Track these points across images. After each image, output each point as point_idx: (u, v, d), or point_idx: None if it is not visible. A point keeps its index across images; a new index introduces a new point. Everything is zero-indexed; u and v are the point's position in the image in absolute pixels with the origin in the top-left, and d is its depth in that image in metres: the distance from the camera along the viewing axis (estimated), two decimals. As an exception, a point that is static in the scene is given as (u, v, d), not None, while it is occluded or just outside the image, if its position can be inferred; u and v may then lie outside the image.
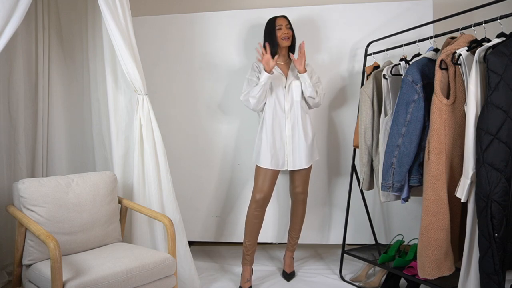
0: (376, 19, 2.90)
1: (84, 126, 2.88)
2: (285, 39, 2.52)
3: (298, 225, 2.74)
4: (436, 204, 1.89)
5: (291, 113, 2.54)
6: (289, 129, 2.53)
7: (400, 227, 2.92)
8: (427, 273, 1.93)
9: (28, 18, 2.60)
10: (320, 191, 3.03)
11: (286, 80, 2.56)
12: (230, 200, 3.14)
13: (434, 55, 2.09)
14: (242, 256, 2.62)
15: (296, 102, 2.54)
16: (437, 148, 1.88)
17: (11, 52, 2.54)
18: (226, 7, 3.17)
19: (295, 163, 2.54)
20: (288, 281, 2.70)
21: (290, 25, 2.58)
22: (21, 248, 2.02)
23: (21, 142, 2.62)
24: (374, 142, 2.43)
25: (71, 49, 2.87)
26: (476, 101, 1.73)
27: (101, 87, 2.63)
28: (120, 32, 2.23)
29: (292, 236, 2.77)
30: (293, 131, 2.53)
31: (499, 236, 1.65)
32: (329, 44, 2.97)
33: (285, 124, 2.54)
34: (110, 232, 2.25)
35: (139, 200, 2.42)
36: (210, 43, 3.07)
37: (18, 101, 2.60)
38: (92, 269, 1.84)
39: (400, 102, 2.04)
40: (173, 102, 3.14)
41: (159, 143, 2.43)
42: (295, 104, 2.54)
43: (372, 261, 2.52)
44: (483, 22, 1.88)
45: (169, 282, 2.07)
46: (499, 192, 1.65)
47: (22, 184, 2.02)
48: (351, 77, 2.96)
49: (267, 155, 2.52)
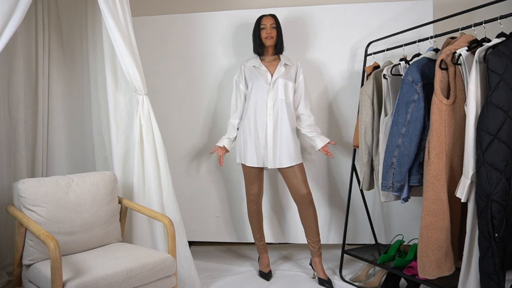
0: (376, 19, 2.90)
1: (84, 126, 2.88)
2: (268, 39, 2.58)
3: (312, 227, 2.60)
4: (436, 204, 1.88)
5: (273, 111, 2.55)
6: (270, 126, 2.55)
7: (400, 227, 2.92)
8: (427, 273, 1.93)
9: (28, 18, 2.60)
10: (320, 191, 3.03)
11: (272, 77, 2.57)
12: (230, 200, 3.14)
13: (434, 55, 2.09)
14: (257, 248, 2.84)
15: (280, 100, 2.56)
16: (437, 148, 1.88)
17: (11, 52, 2.54)
18: (226, 7, 3.17)
19: (276, 161, 2.56)
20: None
21: (276, 24, 2.61)
22: (21, 248, 2.02)
23: (21, 142, 2.62)
24: (374, 142, 2.43)
25: (71, 49, 2.87)
26: (476, 101, 1.73)
27: (101, 87, 2.63)
28: (120, 32, 2.23)
29: (312, 240, 2.63)
30: (274, 129, 2.55)
31: (499, 236, 1.65)
32: (329, 44, 2.97)
33: (266, 121, 2.55)
34: (110, 232, 2.25)
35: (139, 200, 2.42)
36: (210, 43, 3.07)
37: (18, 101, 2.60)
38: (92, 269, 1.84)
39: (400, 102, 2.04)
40: (173, 102, 3.14)
41: (159, 143, 2.43)
42: (278, 101, 2.56)
43: (372, 261, 2.52)
44: (483, 22, 1.88)
45: (169, 282, 2.07)
46: (499, 192, 1.65)
47: (22, 184, 2.02)
48: (351, 77, 2.96)
49: (250, 152, 2.57)
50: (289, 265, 2.94)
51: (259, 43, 2.61)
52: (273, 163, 2.57)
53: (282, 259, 3.06)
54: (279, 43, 2.62)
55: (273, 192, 3.08)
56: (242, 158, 2.64)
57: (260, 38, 2.60)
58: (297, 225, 2.94)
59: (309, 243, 2.66)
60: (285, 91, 2.57)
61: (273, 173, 3.02)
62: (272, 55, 2.65)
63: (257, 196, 2.71)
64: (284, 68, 2.60)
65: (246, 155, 2.60)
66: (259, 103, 2.57)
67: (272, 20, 2.60)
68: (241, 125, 2.64)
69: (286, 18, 2.90)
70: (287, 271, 2.83)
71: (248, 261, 3.03)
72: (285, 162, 2.55)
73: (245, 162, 2.62)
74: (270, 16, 2.62)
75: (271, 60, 2.65)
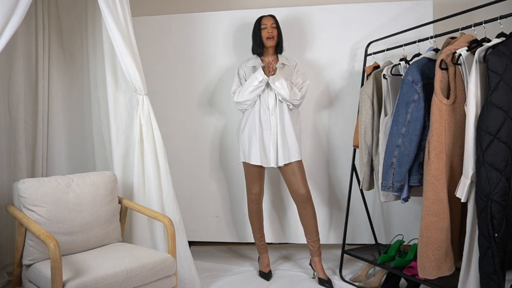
0: (376, 19, 2.90)
1: (84, 126, 2.88)
2: (269, 39, 2.57)
3: (311, 226, 2.61)
4: (436, 204, 1.88)
5: (275, 111, 2.56)
6: (274, 125, 2.56)
7: (400, 227, 2.92)
8: (427, 273, 1.93)
9: (28, 18, 2.60)
10: (320, 191, 3.03)
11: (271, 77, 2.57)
12: (230, 200, 3.14)
13: (434, 55, 2.09)
14: (257, 247, 2.83)
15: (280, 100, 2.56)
16: (437, 148, 1.88)
17: (11, 52, 2.54)
18: (226, 7, 3.17)
19: (279, 159, 2.56)
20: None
21: (277, 24, 2.60)
22: (21, 248, 2.02)
23: (21, 142, 2.62)
24: (374, 142, 2.43)
25: (71, 49, 2.87)
26: (476, 101, 1.73)
27: (101, 87, 2.63)
28: (120, 32, 2.23)
29: (311, 239, 2.63)
30: (279, 128, 2.55)
31: (499, 236, 1.65)
32: (329, 44, 2.97)
33: (270, 121, 2.56)
34: (110, 232, 2.25)
35: (139, 200, 2.42)
36: (210, 43, 3.07)
37: (18, 101, 2.60)
38: (92, 269, 1.84)
39: (400, 102, 2.04)
40: (173, 102, 3.14)
41: (159, 143, 2.43)
42: (279, 101, 2.56)
43: (372, 261, 2.52)
44: (483, 22, 1.88)
45: (169, 282, 2.07)
46: (499, 192, 1.65)
47: (22, 184, 2.02)
48: (351, 77, 2.96)
49: (254, 151, 2.57)
50: (289, 265, 2.94)
51: (259, 43, 2.61)
52: (276, 161, 2.57)
53: (282, 259, 3.06)
54: (280, 43, 2.62)
55: (273, 192, 3.09)
56: (246, 157, 2.63)
57: (260, 38, 2.60)
58: (297, 225, 2.94)
59: (308, 242, 2.66)
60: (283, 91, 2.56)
61: (274, 173, 3.02)
62: (271, 56, 2.65)
63: (258, 196, 2.72)
64: (282, 67, 2.60)
65: (250, 154, 2.60)
66: (262, 103, 2.58)
67: (272, 20, 2.60)
68: (245, 125, 2.63)
69: (286, 18, 2.90)
70: (287, 271, 2.83)
71: (248, 261, 3.03)
72: (287, 158, 2.55)
73: (249, 160, 2.61)
74: (270, 16, 2.62)
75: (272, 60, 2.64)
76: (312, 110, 2.98)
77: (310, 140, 3.02)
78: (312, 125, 3.03)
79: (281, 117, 2.56)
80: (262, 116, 2.57)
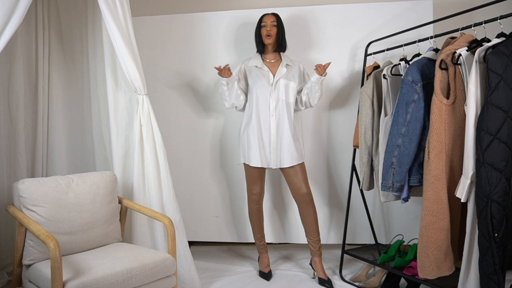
0: (376, 19, 2.90)
1: (84, 126, 2.88)
2: (267, 37, 2.58)
3: (312, 226, 2.61)
4: (436, 204, 1.89)
5: (275, 112, 2.55)
6: (273, 127, 2.56)
7: (400, 227, 2.92)
8: (427, 273, 1.93)
9: (28, 18, 2.60)
10: (320, 191, 3.03)
11: (274, 78, 2.57)
12: (230, 200, 3.14)
13: (434, 55, 2.09)
14: (257, 248, 2.83)
15: (282, 101, 2.56)
16: (437, 148, 1.88)
17: (11, 52, 2.54)
18: (226, 7, 3.17)
19: (278, 161, 2.57)
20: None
21: (278, 23, 2.60)
22: (21, 248, 2.02)
23: (21, 142, 2.62)
24: (374, 142, 2.43)
25: (71, 49, 2.87)
26: (476, 101, 1.73)
27: (101, 87, 2.63)
28: (120, 32, 2.23)
29: (312, 239, 2.63)
30: (277, 129, 2.55)
31: (499, 236, 1.65)
32: (329, 44, 2.97)
33: (270, 122, 2.55)
34: (110, 232, 2.25)
35: (139, 200, 2.42)
36: (210, 43, 3.07)
37: (18, 101, 2.60)
38: (92, 269, 1.84)
39: (400, 102, 2.04)
40: (173, 102, 3.13)
41: (159, 143, 2.43)
42: (280, 102, 2.56)
43: (372, 261, 2.52)
44: (483, 22, 1.88)
45: (169, 282, 2.07)
46: (499, 192, 1.65)
47: (22, 184, 2.02)
48: (351, 77, 2.96)
49: (254, 153, 2.57)
50: (289, 265, 2.94)
51: (258, 40, 2.63)
52: (276, 163, 2.57)
53: (282, 259, 3.06)
54: (278, 41, 2.61)
55: (274, 192, 3.08)
56: (246, 158, 2.64)
57: (260, 35, 2.61)
58: (297, 225, 2.94)
59: (309, 242, 2.66)
60: (286, 92, 2.57)
61: (275, 173, 3.02)
62: (272, 53, 2.65)
63: (259, 196, 2.72)
64: (285, 68, 2.60)
65: (250, 156, 2.60)
66: (262, 104, 2.57)
67: (273, 18, 2.60)
68: (245, 126, 2.63)
69: (285, 18, 2.88)
70: (287, 271, 2.83)
71: (248, 261, 3.03)
72: (287, 161, 2.55)
73: (249, 162, 2.61)
74: (272, 14, 2.63)
75: (273, 61, 2.64)
76: (312, 110, 2.98)
77: (310, 140, 3.02)
78: (312, 125, 3.02)
79: (279, 119, 2.56)
80: (261, 117, 2.57)
